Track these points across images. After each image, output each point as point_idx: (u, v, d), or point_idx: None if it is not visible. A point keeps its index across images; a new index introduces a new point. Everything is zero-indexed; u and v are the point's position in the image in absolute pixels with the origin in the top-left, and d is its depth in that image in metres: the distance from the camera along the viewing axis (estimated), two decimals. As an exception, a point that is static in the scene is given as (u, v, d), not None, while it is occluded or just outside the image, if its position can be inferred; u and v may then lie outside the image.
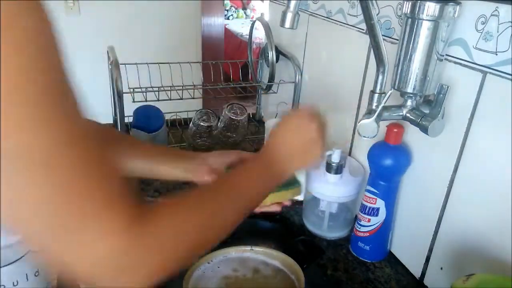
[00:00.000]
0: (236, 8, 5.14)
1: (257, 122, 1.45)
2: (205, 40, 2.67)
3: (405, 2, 0.63)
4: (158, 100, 1.11)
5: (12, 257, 0.54)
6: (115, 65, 1.05)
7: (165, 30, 2.51)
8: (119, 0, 2.34)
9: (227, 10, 4.93)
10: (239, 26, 4.57)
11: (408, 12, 0.63)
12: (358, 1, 0.85)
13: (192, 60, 1.38)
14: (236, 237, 0.90)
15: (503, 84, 0.59)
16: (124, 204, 0.38)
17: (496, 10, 0.59)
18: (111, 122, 1.31)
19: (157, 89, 1.13)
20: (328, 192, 0.87)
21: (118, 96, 1.03)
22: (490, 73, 0.61)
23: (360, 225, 0.83)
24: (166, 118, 1.15)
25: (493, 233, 0.63)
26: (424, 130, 0.66)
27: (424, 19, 0.62)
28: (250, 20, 4.82)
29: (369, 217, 0.80)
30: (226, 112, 1.19)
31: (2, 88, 0.29)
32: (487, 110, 0.62)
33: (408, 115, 0.70)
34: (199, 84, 1.22)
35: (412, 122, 0.69)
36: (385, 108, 0.70)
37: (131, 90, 1.09)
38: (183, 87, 1.14)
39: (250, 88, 1.98)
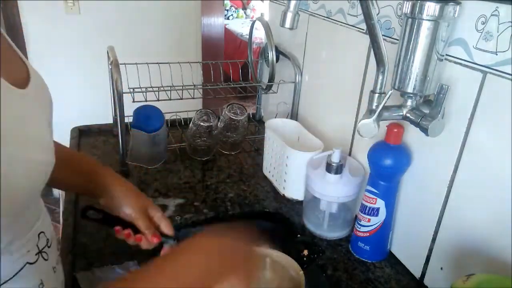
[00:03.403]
0: (236, 8, 5.14)
1: (257, 122, 1.45)
2: (205, 40, 2.67)
3: (405, 2, 0.63)
4: (158, 100, 1.11)
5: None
6: (115, 65, 1.05)
7: (165, 30, 2.51)
8: (119, 0, 2.35)
9: (227, 10, 4.93)
10: (239, 26, 4.58)
11: (408, 12, 0.63)
12: (358, 1, 0.85)
13: (192, 60, 1.38)
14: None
15: (503, 84, 0.59)
16: None
17: (496, 10, 0.59)
18: (111, 122, 1.31)
19: (157, 89, 1.13)
20: (328, 192, 0.87)
21: (118, 96, 1.03)
22: (490, 73, 0.61)
23: (360, 225, 0.83)
24: (166, 118, 1.15)
25: (493, 233, 0.63)
26: (424, 130, 0.66)
27: (424, 19, 0.62)
28: (250, 20, 4.83)
29: (369, 217, 0.80)
30: (226, 112, 1.19)
31: None
32: (487, 110, 0.62)
33: (408, 115, 0.70)
34: (199, 84, 1.22)
35: (412, 122, 0.69)
36: (385, 108, 0.70)
37: (131, 90, 1.09)
38: (183, 87, 1.14)
39: (250, 88, 1.99)
